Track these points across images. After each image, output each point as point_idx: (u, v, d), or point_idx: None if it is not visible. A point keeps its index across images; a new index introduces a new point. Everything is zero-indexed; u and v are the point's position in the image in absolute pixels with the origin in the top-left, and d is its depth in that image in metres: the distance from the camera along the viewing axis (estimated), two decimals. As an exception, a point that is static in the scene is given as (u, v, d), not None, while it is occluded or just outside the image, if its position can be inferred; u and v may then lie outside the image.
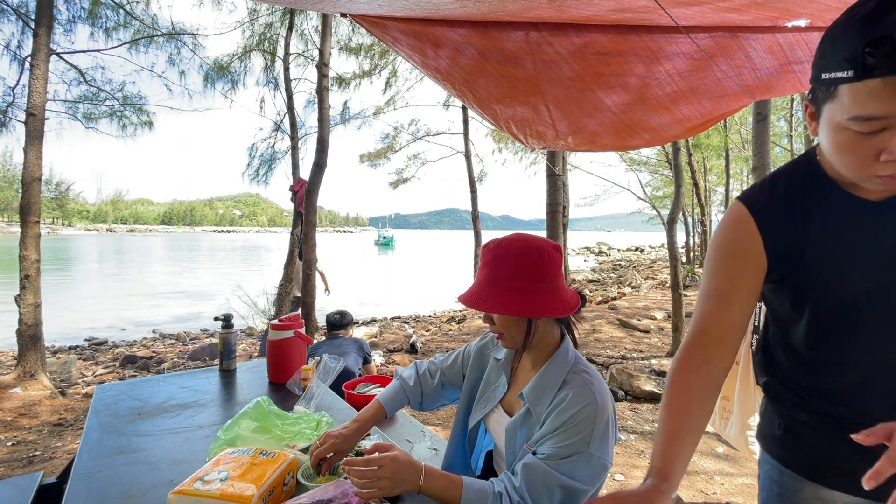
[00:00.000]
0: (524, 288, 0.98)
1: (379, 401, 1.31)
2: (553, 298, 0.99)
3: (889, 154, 0.65)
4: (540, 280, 0.99)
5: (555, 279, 1.01)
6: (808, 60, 1.41)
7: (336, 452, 1.12)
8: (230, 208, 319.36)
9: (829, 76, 0.67)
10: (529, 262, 0.99)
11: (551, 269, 1.01)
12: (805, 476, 0.89)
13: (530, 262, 0.99)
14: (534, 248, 1.00)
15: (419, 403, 1.36)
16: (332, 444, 1.12)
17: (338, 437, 1.14)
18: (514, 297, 0.98)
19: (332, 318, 3.34)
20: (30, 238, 4.65)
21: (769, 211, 0.83)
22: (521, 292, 0.98)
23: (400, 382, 1.37)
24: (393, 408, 1.33)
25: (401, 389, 1.35)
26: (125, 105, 7.46)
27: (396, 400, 1.34)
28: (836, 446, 0.84)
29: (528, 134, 2.38)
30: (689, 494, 2.55)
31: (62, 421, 3.82)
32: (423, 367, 1.40)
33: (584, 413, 0.93)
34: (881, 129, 0.64)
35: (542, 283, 0.99)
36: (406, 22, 1.61)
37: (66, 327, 10.44)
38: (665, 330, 6.64)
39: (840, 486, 0.85)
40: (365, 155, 13.79)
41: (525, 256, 1.00)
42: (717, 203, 19.92)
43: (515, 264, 1.00)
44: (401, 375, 1.40)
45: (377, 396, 1.34)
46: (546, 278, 1.00)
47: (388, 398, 1.33)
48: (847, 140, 0.68)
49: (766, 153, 2.33)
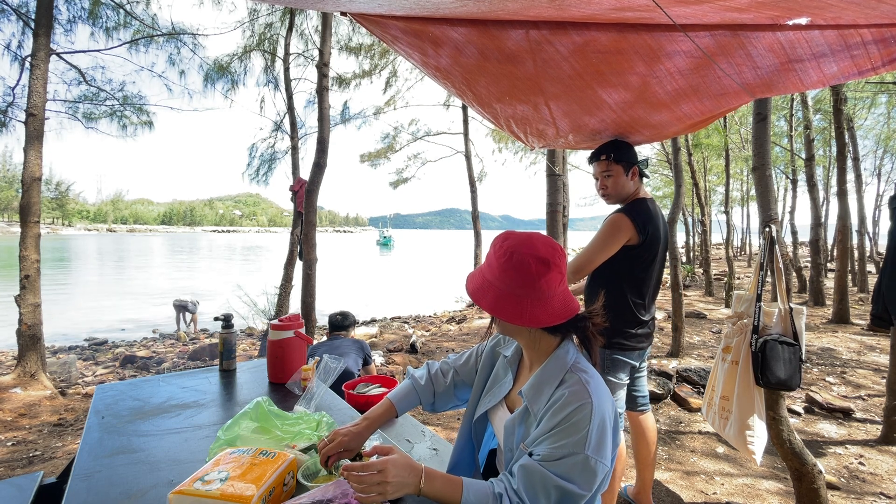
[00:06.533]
0: (520, 295, 1.00)
1: (390, 399, 1.30)
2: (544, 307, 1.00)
3: None
4: (537, 289, 1.00)
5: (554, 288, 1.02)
6: (808, 59, 1.40)
7: (344, 450, 1.12)
8: (230, 208, 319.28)
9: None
10: (530, 273, 1.00)
11: (554, 279, 1.01)
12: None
13: (531, 273, 0.99)
14: (540, 260, 1.00)
15: (431, 404, 1.35)
16: (341, 441, 1.11)
17: (346, 434, 1.13)
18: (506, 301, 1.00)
19: (334, 319, 3.34)
20: (30, 238, 4.65)
21: None
22: (519, 299, 0.99)
23: (411, 382, 1.36)
24: (404, 407, 1.32)
25: (412, 389, 1.34)
26: (125, 105, 7.45)
27: (407, 400, 1.33)
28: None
29: (528, 132, 2.37)
30: (689, 494, 2.54)
31: (62, 421, 3.82)
32: (435, 366, 1.40)
33: (579, 413, 0.92)
34: None
35: (537, 292, 1.00)
36: (406, 21, 1.61)
37: (66, 327, 10.45)
38: (665, 330, 6.64)
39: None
40: (365, 155, 13.80)
41: (526, 268, 1.00)
42: (716, 203, 19.93)
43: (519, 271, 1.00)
44: (412, 375, 1.39)
45: (388, 395, 1.33)
46: (543, 288, 1.00)
47: (399, 397, 1.32)
48: None
49: (766, 153, 2.32)
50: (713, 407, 2.27)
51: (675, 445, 3.14)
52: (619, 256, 1.93)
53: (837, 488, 2.59)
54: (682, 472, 2.78)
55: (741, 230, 26.52)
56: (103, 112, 7.39)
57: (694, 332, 6.63)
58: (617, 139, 2.12)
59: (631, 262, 1.95)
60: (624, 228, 1.90)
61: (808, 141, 8.64)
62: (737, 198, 19.54)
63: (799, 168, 12.10)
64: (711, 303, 9.45)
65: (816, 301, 8.49)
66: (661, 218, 2.03)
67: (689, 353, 5.43)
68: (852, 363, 5.01)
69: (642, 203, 1.98)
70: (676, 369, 4.47)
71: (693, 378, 4.19)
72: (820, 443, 3.16)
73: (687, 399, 3.75)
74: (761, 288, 2.11)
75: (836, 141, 7.26)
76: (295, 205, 6.81)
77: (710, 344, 5.93)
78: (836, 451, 3.02)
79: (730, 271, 9.13)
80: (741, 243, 26.66)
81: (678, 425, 3.46)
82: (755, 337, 2.07)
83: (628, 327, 1.98)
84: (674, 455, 3.01)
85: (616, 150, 2.03)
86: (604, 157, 2.04)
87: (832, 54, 1.36)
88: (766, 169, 2.31)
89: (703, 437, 3.25)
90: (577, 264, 1.93)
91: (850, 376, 4.56)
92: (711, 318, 7.66)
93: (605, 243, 1.91)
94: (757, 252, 10.63)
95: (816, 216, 8.57)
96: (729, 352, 2.21)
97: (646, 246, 1.93)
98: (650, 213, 1.96)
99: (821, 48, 1.35)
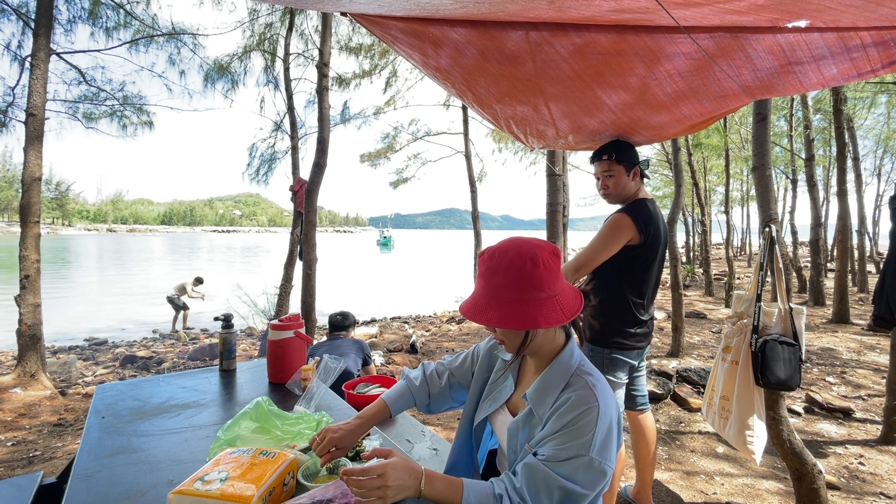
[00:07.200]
0: (520, 299, 0.96)
1: (384, 399, 1.30)
2: (551, 308, 0.97)
3: None
4: (536, 290, 0.96)
5: (552, 287, 0.98)
6: (808, 61, 1.41)
7: (337, 448, 1.12)
8: (230, 208, 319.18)
9: None
10: (523, 274, 0.96)
11: (548, 277, 0.97)
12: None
13: (524, 274, 0.96)
14: (528, 258, 0.97)
15: (426, 405, 1.34)
16: (332, 439, 1.11)
17: (337, 431, 1.13)
18: (510, 310, 0.96)
19: (334, 319, 3.34)
20: (30, 238, 4.65)
21: None
22: (517, 304, 0.96)
23: (406, 383, 1.36)
24: (398, 408, 1.32)
25: (407, 390, 1.34)
26: (125, 105, 7.45)
27: (402, 400, 1.32)
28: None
29: (528, 133, 2.38)
30: (689, 494, 2.55)
31: (62, 421, 3.82)
32: (430, 367, 1.39)
33: (586, 417, 0.92)
34: None
35: (539, 293, 0.97)
36: (406, 21, 1.61)
37: (66, 327, 10.44)
38: (665, 330, 6.64)
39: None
40: (365, 155, 13.79)
41: (519, 268, 0.97)
42: (716, 203, 19.93)
43: (509, 276, 0.97)
44: (407, 376, 1.38)
45: (382, 395, 1.32)
46: (543, 287, 0.97)
47: (393, 398, 1.32)
48: None
49: (766, 153, 2.33)
50: (713, 407, 2.27)
51: (675, 445, 3.14)
52: (619, 256, 1.94)
53: (837, 488, 2.59)
54: (682, 472, 2.79)
55: (741, 230, 26.54)
56: (103, 112, 7.39)
57: (694, 332, 6.63)
58: (619, 139, 2.12)
59: (632, 261, 1.96)
60: (626, 228, 1.91)
61: (808, 141, 8.64)
62: (737, 198, 19.54)
63: (799, 168, 12.10)
64: (711, 303, 9.45)
65: (816, 301, 8.49)
66: (662, 218, 2.04)
67: (689, 353, 5.44)
68: (852, 363, 5.01)
69: (643, 203, 1.99)
70: (676, 369, 4.47)
71: (693, 378, 4.19)
72: (820, 443, 3.16)
73: (687, 399, 3.76)
74: (761, 288, 2.11)
75: (836, 141, 7.26)
76: (295, 205, 6.82)
77: (710, 344, 5.93)
78: (836, 451, 3.03)
79: (730, 271, 9.13)
80: (741, 243, 26.66)
81: (678, 425, 3.46)
82: (755, 337, 2.07)
83: (627, 327, 1.98)
84: (674, 455, 3.01)
85: (618, 151, 2.04)
86: (605, 157, 2.05)
87: (831, 56, 1.36)
88: (766, 169, 2.31)
89: (703, 437, 3.25)
90: (578, 263, 1.93)
91: (850, 376, 4.56)
92: (711, 318, 7.66)
93: (607, 243, 1.91)
94: (757, 252, 10.63)
95: (816, 216, 8.57)
96: (729, 352, 2.21)
97: (647, 246, 1.93)
98: (651, 213, 1.96)
99: (820, 50, 1.35)
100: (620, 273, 1.97)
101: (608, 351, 1.98)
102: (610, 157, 2.04)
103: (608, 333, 1.97)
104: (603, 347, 1.98)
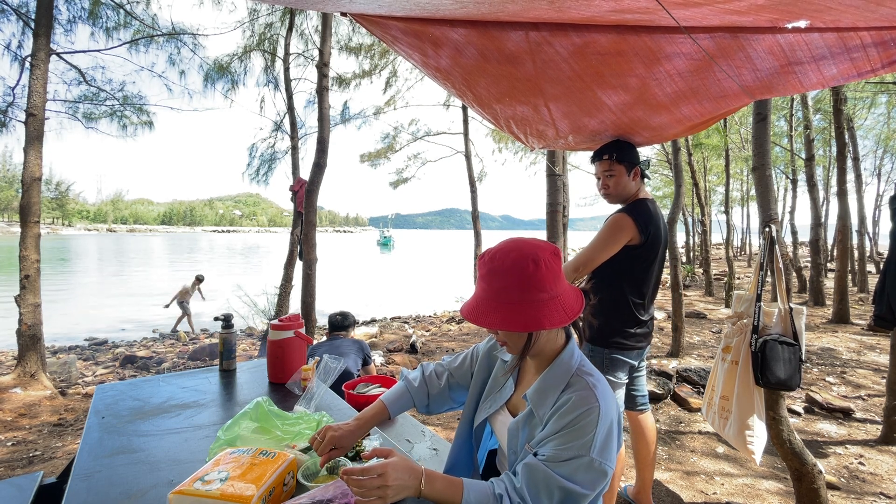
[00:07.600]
0: (522, 300, 0.96)
1: (382, 401, 1.30)
2: (553, 308, 0.96)
3: None
4: (539, 291, 0.96)
5: (553, 287, 0.98)
6: (808, 61, 1.41)
7: (336, 447, 1.12)
8: (230, 208, 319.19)
9: None
10: (525, 275, 0.96)
11: (549, 278, 0.97)
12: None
13: (526, 275, 0.96)
14: (529, 259, 0.96)
15: (425, 406, 1.34)
16: (332, 437, 1.11)
17: (336, 430, 1.13)
18: (513, 312, 0.96)
19: (334, 319, 3.34)
20: (30, 238, 4.65)
21: None
22: (519, 305, 0.96)
23: (405, 384, 1.35)
24: (397, 409, 1.31)
25: (405, 391, 1.34)
26: (125, 105, 7.46)
27: (400, 402, 1.32)
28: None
29: (528, 133, 2.38)
30: (689, 494, 2.55)
31: (62, 421, 3.82)
32: (429, 368, 1.39)
33: (586, 417, 0.92)
34: None
35: (541, 294, 0.96)
36: (406, 21, 1.61)
37: (66, 327, 10.45)
38: (665, 330, 6.64)
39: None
40: (365, 155, 13.78)
41: (521, 269, 0.96)
42: (716, 203, 19.93)
43: (511, 278, 0.96)
44: (406, 377, 1.38)
45: (381, 397, 1.32)
46: (544, 288, 0.97)
47: (392, 399, 1.31)
48: None
49: (766, 153, 2.33)
50: (713, 407, 2.27)
51: (675, 445, 3.14)
52: (620, 256, 1.94)
53: (837, 488, 2.59)
54: (682, 472, 2.79)
55: (741, 230, 26.54)
56: (103, 112, 7.40)
57: (694, 332, 6.63)
58: (620, 139, 2.12)
59: (632, 261, 1.96)
60: (626, 228, 1.91)
61: (808, 141, 8.64)
62: (737, 198, 19.54)
63: (799, 168, 12.10)
64: (711, 303, 9.45)
65: (816, 301, 8.49)
66: (662, 219, 2.04)
67: (689, 353, 5.44)
68: (852, 363, 5.01)
69: (644, 203, 1.99)
70: (676, 369, 4.47)
71: (693, 378, 4.19)
72: (820, 443, 3.16)
73: (687, 399, 3.76)
74: (761, 288, 2.11)
75: (836, 141, 7.26)
76: (295, 205, 6.82)
77: (710, 344, 5.93)
78: (836, 451, 3.03)
79: (730, 271, 9.13)
80: (741, 243, 26.66)
81: (678, 425, 3.46)
82: (755, 337, 2.07)
83: (627, 327, 1.98)
84: (674, 455, 3.01)
85: (619, 151, 2.04)
86: (606, 157, 2.05)
87: (831, 57, 1.36)
88: (766, 169, 2.31)
89: (703, 437, 3.25)
90: (578, 262, 1.93)
91: (850, 376, 4.56)
92: (711, 318, 7.66)
93: (607, 242, 1.92)
94: (757, 252, 10.63)
95: (816, 216, 8.57)
96: (729, 352, 2.21)
97: (647, 246, 1.93)
98: (651, 213, 1.96)
99: (820, 51, 1.35)
100: (620, 273, 1.97)
101: (608, 351, 1.98)
102: (611, 156, 2.04)
103: (608, 333, 1.97)
104: (603, 347, 1.98)
